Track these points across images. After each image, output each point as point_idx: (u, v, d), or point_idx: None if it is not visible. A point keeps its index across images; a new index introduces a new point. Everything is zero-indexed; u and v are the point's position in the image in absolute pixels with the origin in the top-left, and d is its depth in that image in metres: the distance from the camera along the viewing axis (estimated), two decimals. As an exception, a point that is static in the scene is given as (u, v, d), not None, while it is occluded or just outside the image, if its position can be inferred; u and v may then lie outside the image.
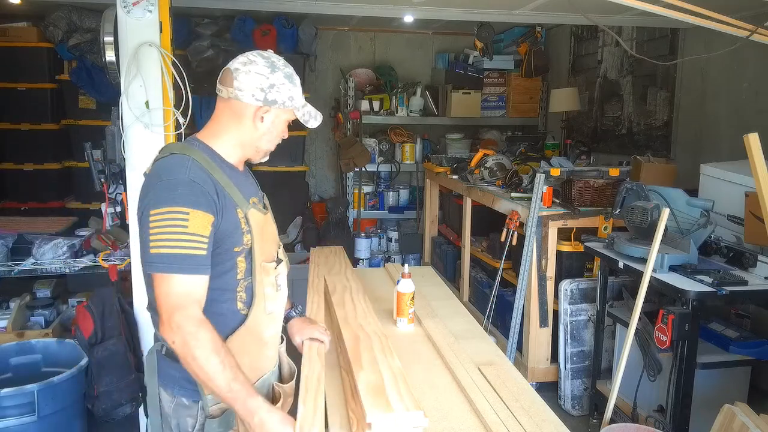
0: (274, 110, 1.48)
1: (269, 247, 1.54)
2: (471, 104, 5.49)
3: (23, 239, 2.94)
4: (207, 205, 1.36)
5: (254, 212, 1.47)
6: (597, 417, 3.13)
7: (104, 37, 2.53)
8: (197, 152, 1.43)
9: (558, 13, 3.70)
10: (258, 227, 1.48)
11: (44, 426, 2.50)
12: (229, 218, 1.41)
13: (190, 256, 1.33)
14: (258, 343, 1.53)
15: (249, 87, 1.45)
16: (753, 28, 2.12)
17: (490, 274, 4.09)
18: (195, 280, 1.35)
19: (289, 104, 1.49)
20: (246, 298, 1.48)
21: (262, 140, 1.51)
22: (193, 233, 1.33)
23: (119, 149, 2.60)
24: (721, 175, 2.85)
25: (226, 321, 1.46)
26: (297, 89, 1.51)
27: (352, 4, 3.54)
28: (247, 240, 1.45)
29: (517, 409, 1.67)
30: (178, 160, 1.40)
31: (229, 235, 1.42)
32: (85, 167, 3.24)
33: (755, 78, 3.38)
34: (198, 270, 1.35)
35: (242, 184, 1.50)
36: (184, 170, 1.37)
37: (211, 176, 1.40)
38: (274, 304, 1.54)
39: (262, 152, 1.55)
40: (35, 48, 4.83)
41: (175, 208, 1.32)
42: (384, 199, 5.76)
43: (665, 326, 2.37)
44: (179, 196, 1.34)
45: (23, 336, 3.07)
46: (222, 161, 1.47)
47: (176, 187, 1.35)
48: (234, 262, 1.44)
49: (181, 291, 1.34)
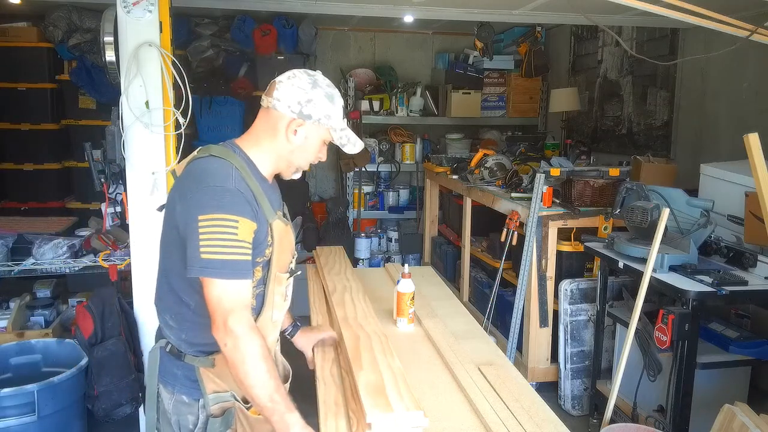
0: (309, 125, 1.49)
1: (285, 258, 1.57)
2: (471, 104, 5.49)
3: (23, 239, 2.93)
4: (250, 214, 1.40)
5: (279, 224, 1.50)
6: (597, 417, 3.13)
7: (104, 37, 2.53)
8: (237, 159, 1.46)
9: (558, 13, 3.70)
10: (279, 238, 1.51)
11: (44, 426, 2.50)
12: (261, 228, 1.45)
13: (239, 261, 1.38)
14: None
15: (287, 98, 1.47)
16: (753, 28, 2.12)
17: (490, 274, 4.09)
18: (244, 285, 1.40)
19: (324, 122, 1.50)
20: (256, 305, 1.51)
21: (295, 155, 1.52)
22: (243, 240, 1.38)
23: (119, 149, 2.60)
24: (721, 175, 2.85)
25: None
26: (336, 110, 1.51)
27: (352, 4, 3.54)
28: (269, 252, 1.49)
29: (517, 409, 1.67)
30: (220, 166, 1.43)
31: (258, 245, 1.45)
32: (85, 167, 3.24)
33: (755, 78, 3.38)
34: (246, 275, 1.40)
35: (270, 195, 1.52)
36: (229, 178, 1.41)
37: (249, 185, 1.43)
38: (280, 313, 1.60)
39: (293, 167, 1.56)
40: (35, 48, 4.82)
41: (225, 215, 1.36)
42: (384, 199, 5.76)
43: (665, 326, 2.37)
44: (228, 204, 1.37)
45: (23, 336, 3.07)
46: (255, 170, 1.50)
47: (224, 194, 1.38)
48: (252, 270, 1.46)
49: (233, 295, 1.38)
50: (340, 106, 1.53)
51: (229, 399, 1.52)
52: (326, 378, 1.81)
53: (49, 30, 4.61)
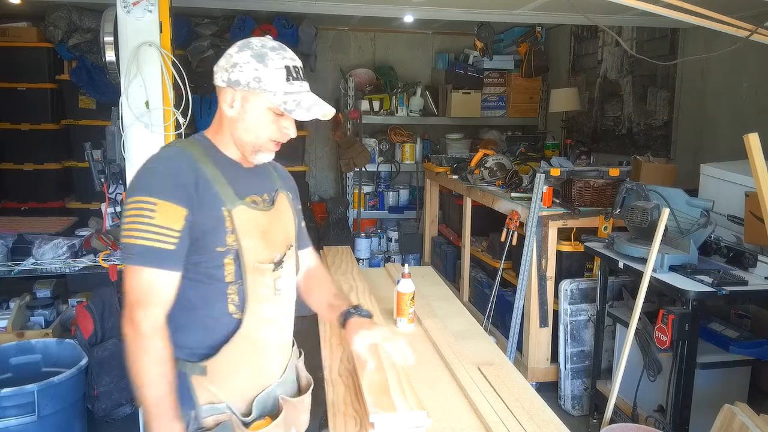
0: (241, 93, 1.33)
1: (269, 248, 1.41)
2: (471, 104, 5.49)
3: (23, 239, 2.93)
4: (179, 198, 1.27)
5: (244, 210, 1.35)
6: (597, 417, 3.13)
7: (104, 37, 2.53)
8: (194, 145, 1.38)
9: (558, 13, 3.70)
10: (250, 226, 1.37)
11: (44, 426, 2.49)
12: (209, 214, 1.31)
13: (156, 249, 1.25)
14: (257, 351, 1.42)
15: (218, 69, 1.35)
16: (753, 28, 2.12)
17: (490, 274, 4.09)
18: (160, 276, 1.27)
19: (255, 86, 1.31)
20: (238, 301, 1.38)
21: (237, 131, 1.37)
22: (161, 225, 1.25)
23: (119, 149, 2.60)
24: (721, 175, 2.85)
25: (219, 325, 1.38)
26: (270, 72, 1.31)
27: (352, 4, 3.54)
28: (232, 240, 1.34)
29: (517, 409, 1.67)
30: (166, 151, 1.37)
31: (209, 233, 1.31)
32: (85, 167, 3.24)
33: (755, 78, 3.38)
34: (163, 264, 1.27)
35: (241, 180, 1.39)
36: (164, 161, 1.32)
37: (199, 169, 1.32)
38: (273, 309, 1.43)
39: (249, 147, 1.38)
40: (35, 48, 4.82)
41: (145, 197, 1.26)
42: (384, 199, 5.76)
43: (665, 326, 2.37)
44: (152, 185, 1.27)
45: (23, 336, 3.07)
46: (220, 155, 1.39)
47: (150, 176, 1.30)
48: (221, 262, 1.34)
49: (144, 287, 1.26)
50: (278, 67, 1.32)
51: (225, 411, 1.38)
52: (334, 379, 1.81)
53: (49, 30, 4.61)
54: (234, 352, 1.37)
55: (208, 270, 1.34)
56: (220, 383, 1.37)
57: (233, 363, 1.36)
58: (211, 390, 1.37)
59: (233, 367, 1.37)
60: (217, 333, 1.37)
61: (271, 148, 1.40)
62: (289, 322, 1.53)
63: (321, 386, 1.81)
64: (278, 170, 1.58)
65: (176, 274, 1.29)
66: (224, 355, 1.35)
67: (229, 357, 1.36)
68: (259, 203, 1.41)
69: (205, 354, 1.36)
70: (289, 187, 1.57)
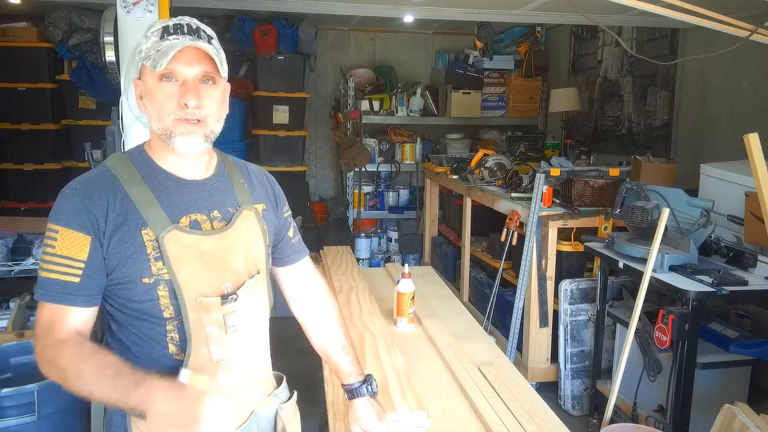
0: (142, 78, 1.21)
1: (217, 278, 1.21)
2: (471, 104, 5.49)
3: (23, 239, 2.93)
4: (82, 225, 1.13)
5: (176, 235, 1.16)
6: (597, 417, 3.13)
7: (104, 37, 2.53)
8: (122, 162, 1.22)
9: (558, 13, 3.70)
10: (187, 254, 1.17)
11: (44, 426, 2.49)
12: (126, 240, 1.14)
13: (58, 282, 1.12)
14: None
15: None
16: (753, 28, 2.12)
17: (490, 274, 4.09)
18: (63, 312, 1.13)
19: (138, 59, 1.20)
20: (179, 340, 1.19)
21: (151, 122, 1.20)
22: (63, 255, 1.12)
23: (119, 149, 2.60)
24: (721, 175, 2.85)
25: (158, 367, 1.17)
26: (148, 38, 1.19)
27: (352, 4, 3.54)
28: (159, 270, 1.15)
29: (517, 409, 1.68)
30: (88, 172, 1.22)
31: (128, 261, 1.15)
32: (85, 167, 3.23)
33: (755, 78, 3.38)
34: (66, 299, 1.12)
35: (179, 197, 1.20)
36: (77, 183, 1.18)
37: (117, 190, 1.16)
38: (223, 350, 1.21)
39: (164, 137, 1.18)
40: (35, 48, 4.82)
41: (51, 224, 1.14)
42: (384, 199, 5.77)
43: (665, 326, 2.37)
44: (56, 211, 1.16)
45: (23, 336, 3.06)
46: (155, 170, 1.21)
47: (58, 200, 1.17)
48: (153, 296, 1.16)
49: (45, 322, 1.12)
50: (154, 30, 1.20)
51: None
52: (334, 379, 1.80)
53: (49, 30, 4.61)
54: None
55: (142, 305, 1.17)
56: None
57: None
58: None
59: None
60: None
61: (183, 131, 1.17)
62: (251, 364, 1.30)
63: (321, 386, 1.81)
64: (252, 175, 1.36)
65: (82, 309, 1.14)
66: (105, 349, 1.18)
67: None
68: (202, 223, 1.21)
69: None
70: (266, 195, 1.36)
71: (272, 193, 1.38)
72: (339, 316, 1.50)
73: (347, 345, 1.47)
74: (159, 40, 1.16)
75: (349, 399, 1.44)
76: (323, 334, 1.48)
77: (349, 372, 1.45)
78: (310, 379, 2.02)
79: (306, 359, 1.94)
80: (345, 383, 1.45)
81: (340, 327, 1.49)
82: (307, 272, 1.50)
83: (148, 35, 1.18)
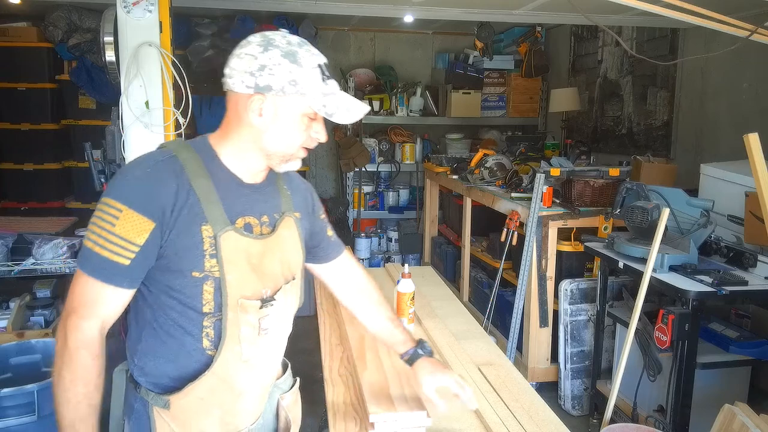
0: (272, 99, 1.16)
1: (258, 282, 1.24)
2: (471, 104, 5.50)
3: (23, 239, 2.93)
4: (148, 210, 1.12)
5: (232, 236, 1.19)
6: (597, 417, 3.13)
7: (104, 37, 2.53)
8: (190, 152, 1.21)
9: (558, 13, 3.70)
10: (238, 255, 1.20)
11: (44, 426, 2.49)
12: (186, 233, 1.15)
13: (109, 261, 1.12)
14: (231, 393, 1.26)
15: (237, 72, 1.17)
16: (753, 28, 2.12)
17: (490, 274, 4.09)
18: (105, 291, 1.14)
19: (290, 90, 1.15)
20: (213, 336, 1.22)
21: (266, 141, 1.20)
22: (120, 236, 1.12)
23: (119, 149, 2.60)
24: (721, 175, 2.85)
25: (189, 360, 1.23)
26: (305, 72, 1.16)
27: (352, 4, 3.54)
28: (212, 266, 1.17)
29: (517, 409, 1.68)
30: (154, 154, 1.21)
31: (183, 254, 1.16)
32: (85, 167, 3.24)
33: (755, 78, 3.38)
34: (112, 279, 1.13)
35: (237, 198, 1.23)
36: (147, 164, 1.17)
37: (185, 181, 1.16)
38: (253, 350, 1.26)
39: (277, 157, 1.23)
40: (35, 48, 4.82)
41: (113, 201, 1.13)
42: (384, 199, 5.77)
43: (665, 326, 2.37)
44: (124, 188, 1.15)
45: (23, 336, 3.07)
46: (219, 167, 1.22)
47: (126, 178, 1.17)
48: (198, 289, 1.18)
49: (86, 296, 1.14)
50: (312, 66, 1.17)
51: None
52: (334, 379, 1.81)
53: (49, 30, 4.61)
54: (201, 391, 1.22)
55: (184, 297, 1.19)
56: (183, 423, 1.23)
57: (199, 403, 1.22)
58: (172, 427, 1.23)
59: (199, 407, 1.23)
60: (186, 368, 1.23)
61: (301, 156, 1.25)
62: (273, 364, 1.37)
63: (321, 386, 1.81)
64: (292, 183, 1.40)
65: (125, 291, 1.16)
66: (190, 393, 1.22)
67: (196, 396, 1.22)
68: (254, 227, 1.25)
69: (170, 387, 1.23)
70: (304, 203, 1.41)
71: (310, 203, 1.45)
72: (380, 295, 1.60)
73: (393, 317, 1.59)
74: (321, 82, 1.18)
75: (410, 365, 1.52)
76: (372, 316, 1.58)
77: (403, 340, 1.54)
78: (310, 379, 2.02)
79: (306, 359, 1.94)
80: (401, 352, 1.54)
81: (383, 305, 1.59)
82: (347, 264, 1.59)
83: (303, 65, 1.17)
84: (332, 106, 1.19)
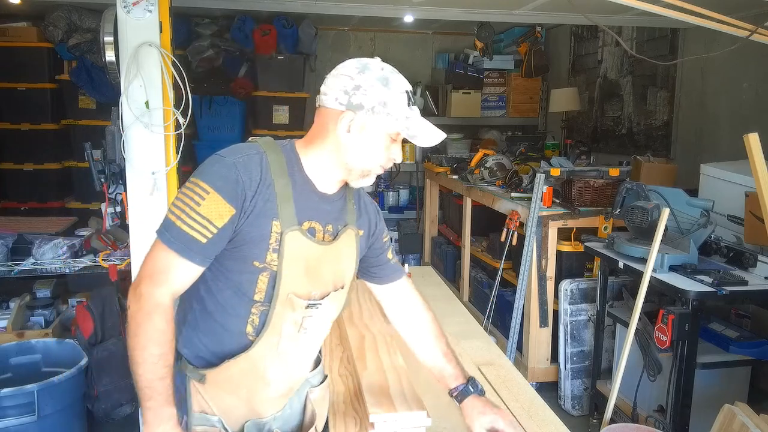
0: (362, 117, 1.25)
1: (310, 284, 1.33)
2: (471, 104, 5.50)
3: (23, 239, 2.93)
4: (232, 197, 1.21)
5: (297, 236, 1.27)
6: (597, 417, 3.13)
7: (104, 37, 2.53)
8: (277, 153, 1.29)
9: (558, 13, 3.70)
10: (298, 255, 1.28)
11: (44, 426, 2.50)
12: (258, 224, 1.24)
13: (188, 237, 1.20)
14: (260, 380, 1.34)
15: (333, 89, 1.27)
16: (753, 28, 2.12)
17: (490, 274, 4.09)
18: (181, 264, 1.21)
19: (380, 110, 1.25)
20: (258, 324, 1.30)
21: (349, 155, 1.28)
22: (204, 216, 1.20)
23: (119, 149, 2.60)
24: (721, 175, 2.85)
25: (230, 340, 1.32)
26: (394, 95, 1.26)
27: (352, 4, 3.54)
28: (272, 260, 1.26)
29: (517, 409, 1.68)
30: (246, 147, 1.29)
31: (252, 243, 1.25)
32: (85, 167, 3.23)
33: (755, 78, 3.38)
34: (189, 254, 1.21)
35: (308, 203, 1.30)
36: (238, 154, 1.25)
37: (268, 177, 1.25)
38: (290, 345, 1.34)
39: (357, 172, 1.31)
40: (35, 48, 4.81)
41: (202, 182, 1.21)
42: (384, 199, 5.77)
43: (665, 326, 2.37)
44: (214, 172, 1.22)
45: (23, 336, 3.07)
46: (299, 172, 1.30)
47: (217, 163, 1.24)
48: (254, 278, 1.27)
49: (163, 265, 1.21)
50: (401, 91, 1.27)
51: (215, 426, 1.33)
52: (334, 379, 1.81)
53: (49, 30, 4.60)
54: (234, 370, 1.31)
55: (240, 281, 1.28)
56: (214, 396, 1.33)
57: (230, 381, 1.32)
58: (206, 400, 1.33)
59: (229, 384, 1.33)
60: (226, 346, 1.32)
61: (377, 173, 1.34)
62: (306, 362, 1.44)
63: (321, 386, 1.81)
64: (361, 201, 1.47)
65: (197, 267, 1.24)
66: (224, 370, 1.31)
67: (229, 374, 1.31)
68: (317, 232, 1.32)
69: (208, 362, 1.33)
70: (368, 223, 1.48)
71: (375, 225, 1.51)
72: (436, 329, 1.59)
73: (449, 353, 1.56)
74: (407, 107, 1.28)
75: (459, 402, 1.51)
76: (424, 349, 1.57)
77: (454, 375, 1.53)
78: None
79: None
80: (451, 387, 1.53)
81: (438, 338, 1.57)
82: (404, 291, 1.61)
83: (393, 89, 1.26)
84: (414, 129, 1.27)
